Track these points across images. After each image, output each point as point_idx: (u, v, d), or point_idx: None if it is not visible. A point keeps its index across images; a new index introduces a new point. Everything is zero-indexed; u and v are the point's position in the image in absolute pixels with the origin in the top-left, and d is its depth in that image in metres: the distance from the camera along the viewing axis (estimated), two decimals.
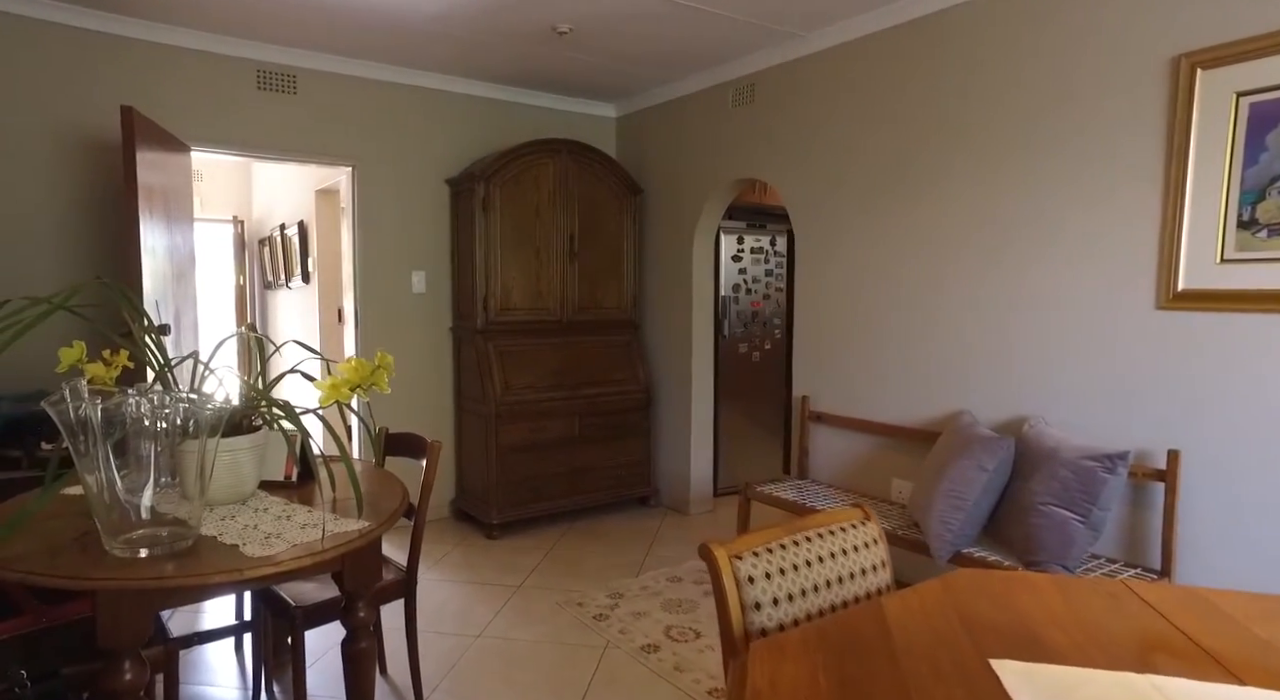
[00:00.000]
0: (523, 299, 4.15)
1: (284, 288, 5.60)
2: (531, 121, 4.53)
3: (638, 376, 4.48)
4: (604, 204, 4.38)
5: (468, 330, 4.15)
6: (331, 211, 4.88)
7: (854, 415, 3.44)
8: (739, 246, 4.77)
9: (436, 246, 4.27)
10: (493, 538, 3.98)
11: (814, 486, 3.46)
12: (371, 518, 1.80)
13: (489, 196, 4.00)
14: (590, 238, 4.34)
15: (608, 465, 4.37)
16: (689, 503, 4.42)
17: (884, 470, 3.32)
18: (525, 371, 4.11)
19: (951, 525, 2.49)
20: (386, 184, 4.09)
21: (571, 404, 4.20)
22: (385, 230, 4.10)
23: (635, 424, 4.46)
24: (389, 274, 4.13)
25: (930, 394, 3.12)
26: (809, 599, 1.42)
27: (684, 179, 4.35)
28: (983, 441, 2.53)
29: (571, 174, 4.24)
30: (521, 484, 4.07)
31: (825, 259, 3.56)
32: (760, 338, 4.91)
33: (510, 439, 4.01)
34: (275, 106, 3.74)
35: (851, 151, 3.40)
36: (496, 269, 4.05)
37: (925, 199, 3.10)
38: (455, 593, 3.26)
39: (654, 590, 3.26)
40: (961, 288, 2.98)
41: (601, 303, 4.42)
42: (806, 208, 3.64)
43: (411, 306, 4.21)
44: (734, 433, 4.80)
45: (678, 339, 4.43)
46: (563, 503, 4.20)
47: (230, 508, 1.86)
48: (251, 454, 1.89)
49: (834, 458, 3.56)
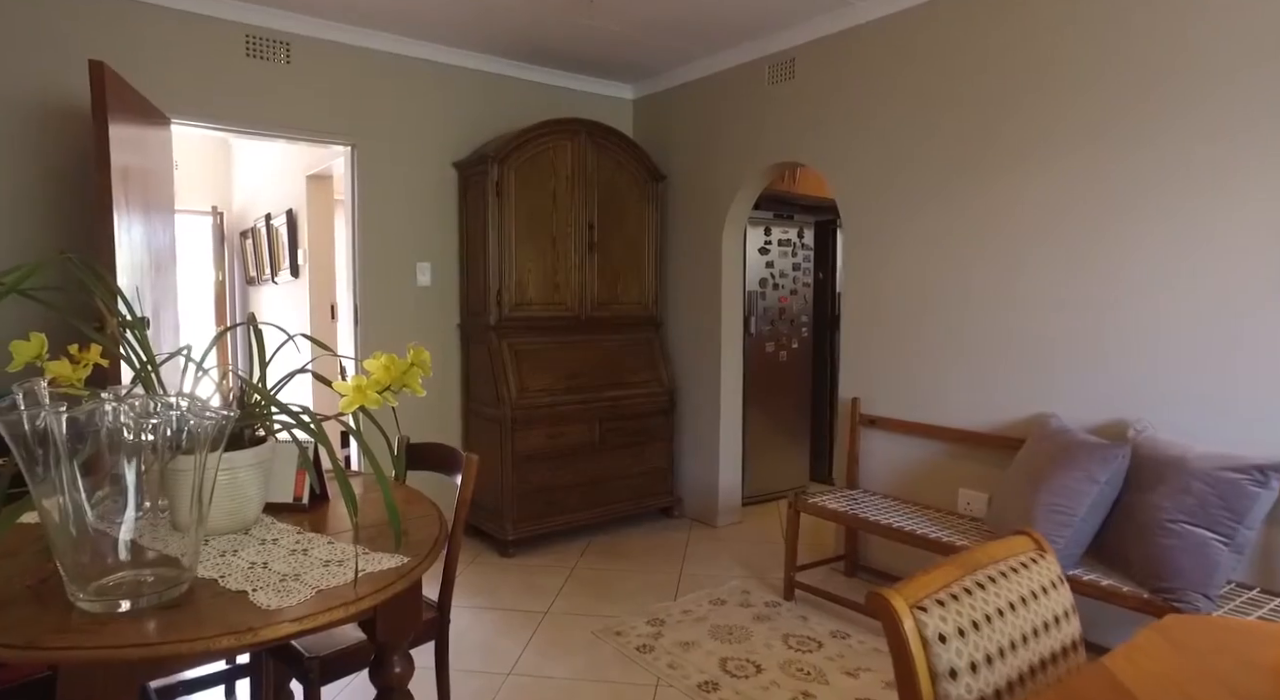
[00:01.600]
0: (539, 293, 3.80)
1: (269, 283, 5.19)
2: (543, 102, 4.18)
3: (660, 378, 4.15)
4: (624, 191, 4.05)
5: (479, 327, 3.79)
6: (324, 199, 4.49)
7: (913, 419, 3.13)
8: (765, 238, 4.45)
9: (443, 236, 3.91)
10: (508, 555, 3.62)
11: (868, 498, 3.14)
12: (409, 550, 1.45)
13: (503, 180, 3.64)
14: (610, 227, 4.00)
15: (629, 474, 4.03)
16: (716, 513, 4.09)
17: (949, 480, 3.02)
18: (542, 372, 3.76)
19: (1056, 544, 2.18)
20: (388, 166, 3.72)
21: (591, 408, 3.85)
22: (387, 217, 3.73)
23: (658, 429, 4.12)
24: (391, 265, 3.76)
25: (1006, 396, 2.81)
26: (1008, 662, 1.09)
27: (713, 165, 4.03)
28: (1090, 449, 2.23)
29: (590, 157, 3.90)
30: (538, 495, 3.71)
31: (880, 250, 3.25)
32: (787, 336, 4.60)
33: (526, 446, 3.66)
34: (266, 77, 3.36)
35: (912, 131, 3.09)
36: (511, 260, 3.70)
37: (1003, 181, 2.80)
38: (476, 622, 2.90)
39: (697, 615, 2.93)
40: (1046, 277, 2.68)
41: (622, 298, 4.08)
42: (858, 194, 3.33)
43: (416, 301, 3.84)
44: (760, 437, 4.48)
45: (704, 337, 4.10)
46: (582, 515, 3.85)
47: (231, 539, 1.50)
48: (255, 472, 1.53)
49: (890, 466, 3.24)
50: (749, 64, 3.78)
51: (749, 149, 3.82)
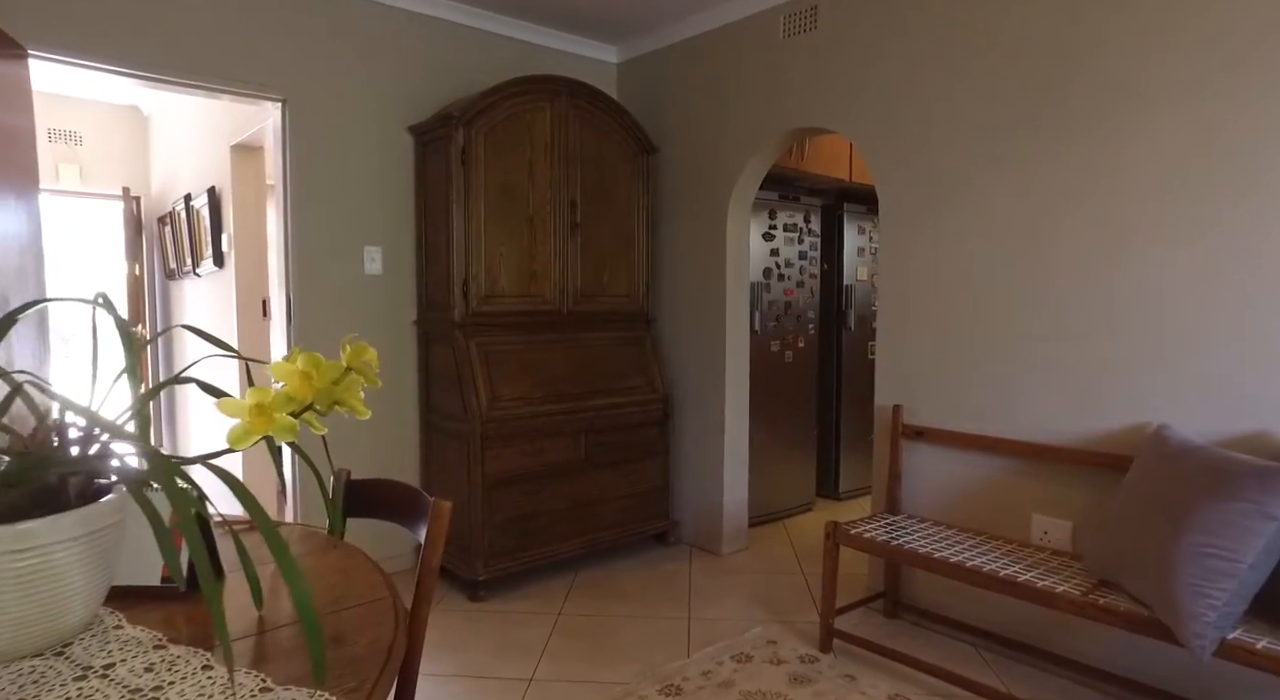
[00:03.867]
0: (512, 283, 3.18)
1: (191, 276, 4.45)
2: (514, 61, 3.58)
3: (654, 382, 3.57)
4: (611, 164, 3.46)
5: (441, 324, 3.15)
6: (253, 174, 3.79)
7: (970, 430, 2.62)
8: (770, 222, 3.91)
9: (398, 215, 3.26)
10: (479, 599, 2.99)
11: (916, 525, 2.61)
12: (339, 681, 0.84)
13: (470, 147, 3.02)
14: (595, 206, 3.41)
15: (620, 495, 3.44)
16: (721, 539, 3.53)
17: (1019, 503, 2.50)
18: (517, 378, 3.14)
19: (1215, 600, 1.67)
20: (330, 129, 3.07)
21: (576, 419, 3.25)
22: (327, 192, 3.08)
23: (651, 442, 3.54)
24: (332, 250, 3.10)
25: (1096, 401, 2.31)
26: None
27: (716, 135, 3.47)
28: (1256, 474, 1.72)
29: (573, 124, 3.31)
30: (513, 525, 3.09)
31: (927, 232, 2.73)
32: (794, 333, 4.06)
33: (499, 467, 3.04)
34: (171, 3, 2.69)
35: (967, 86, 2.58)
36: (480, 243, 3.08)
37: (1091, 142, 2.30)
38: (439, 694, 2.27)
39: (720, 678, 2.35)
40: (1154, 256, 2.19)
41: (609, 289, 3.49)
42: (896, 167, 2.80)
43: (363, 294, 3.19)
44: (763, 448, 3.94)
45: (705, 335, 3.54)
46: (566, 546, 3.24)
47: (32, 665, 0.87)
48: (83, 550, 0.91)
49: (941, 486, 2.72)
50: (759, 15, 3.24)
51: (760, 115, 3.27)
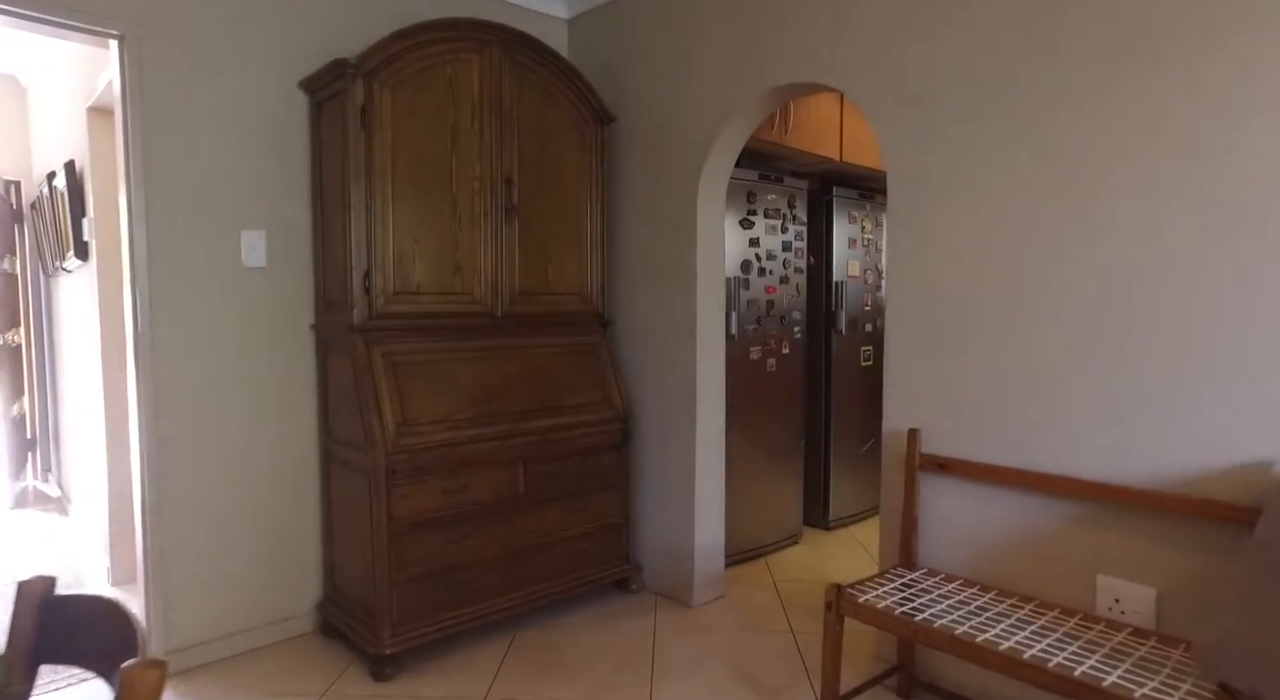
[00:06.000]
0: (431, 278, 2.55)
1: (61, 271, 3.74)
2: (440, 10, 2.95)
3: (611, 398, 2.96)
4: (558, 134, 2.84)
5: (340, 329, 2.51)
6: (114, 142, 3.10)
7: (1010, 462, 2.05)
8: (749, 206, 3.32)
9: (289, 192, 2.61)
10: (384, 678, 2.35)
11: (941, 586, 2.04)
12: None
13: (373, 104, 2.39)
14: (538, 184, 2.79)
15: (569, 536, 2.82)
16: (691, 586, 2.93)
17: (1078, 560, 1.94)
18: (437, 396, 2.51)
19: None
20: (192, 78, 2.41)
21: (512, 445, 2.63)
22: (192, 161, 2.42)
23: (608, 470, 2.93)
24: (200, 236, 2.45)
25: (1189, 430, 1.75)
26: None
27: (683, 98, 2.87)
28: None
29: (508, 81, 2.69)
30: (431, 581, 2.46)
31: (949, 209, 2.16)
32: (777, 339, 3.48)
33: (411, 508, 2.40)
34: None
35: (1008, 25, 2.01)
36: (387, 227, 2.44)
37: (1191, 78, 1.74)
38: None
39: None
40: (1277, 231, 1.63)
41: (554, 286, 2.87)
42: (916, 132, 2.23)
43: (242, 291, 2.54)
44: (742, 472, 3.35)
45: (673, 341, 2.94)
46: (500, 603, 2.62)
47: None
48: None
49: (971, 533, 2.14)
50: None
51: (735, 73, 2.68)
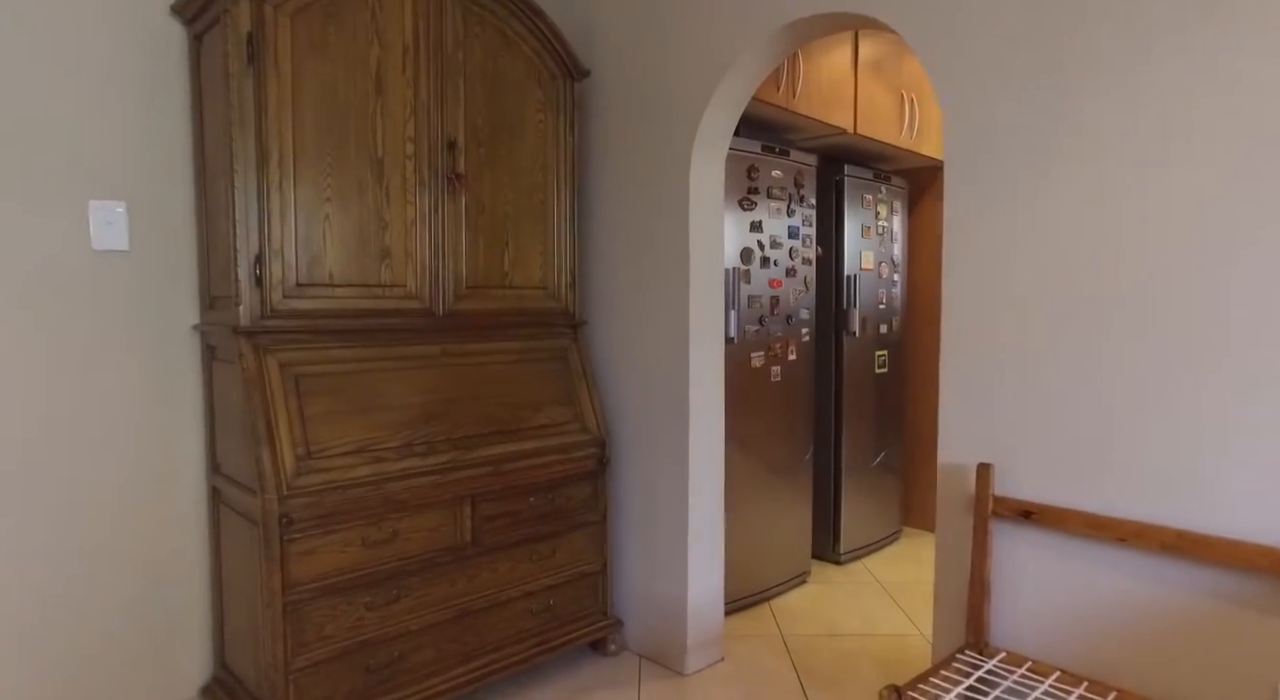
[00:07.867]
0: (348, 266, 1.97)
1: None
2: None
3: (583, 417, 2.38)
4: (517, 89, 2.27)
5: (226, 331, 1.92)
6: None
7: (1131, 515, 1.50)
8: (750, 183, 2.77)
9: (158, 154, 2.02)
10: None
11: (1032, 681, 1.48)
12: None
13: (266, 33, 1.80)
14: (490, 150, 2.22)
15: (529, 592, 2.25)
16: (683, 649, 2.36)
17: (1248, 658, 1.39)
18: (354, 418, 1.93)
19: None
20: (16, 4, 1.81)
21: (457, 480, 2.05)
22: (23, 111, 1.82)
23: (580, 506, 2.36)
24: (33, 209, 1.85)
25: None
26: None
27: (673, 44, 2.31)
28: None
29: (452, 18, 2.11)
30: (346, 661, 1.87)
31: (1032, 182, 1.61)
32: (782, 342, 2.93)
33: (317, 568, 1.82)
34: None
35: None
36: (287, 199, 1.85)
37: None
38: None
39: None
40: None
41: (513, 277, 2.30)
42: (980, 77, 1.68)
43: (97, 281, 1.94)
44: (743, 502, 2.79)
45: (661, 346, 2.38)
46: (438, 685, 2.03)
47: None
48: None
49: (1073, 612, 1.59)
50: None
51: (740, 5, 2.13)
